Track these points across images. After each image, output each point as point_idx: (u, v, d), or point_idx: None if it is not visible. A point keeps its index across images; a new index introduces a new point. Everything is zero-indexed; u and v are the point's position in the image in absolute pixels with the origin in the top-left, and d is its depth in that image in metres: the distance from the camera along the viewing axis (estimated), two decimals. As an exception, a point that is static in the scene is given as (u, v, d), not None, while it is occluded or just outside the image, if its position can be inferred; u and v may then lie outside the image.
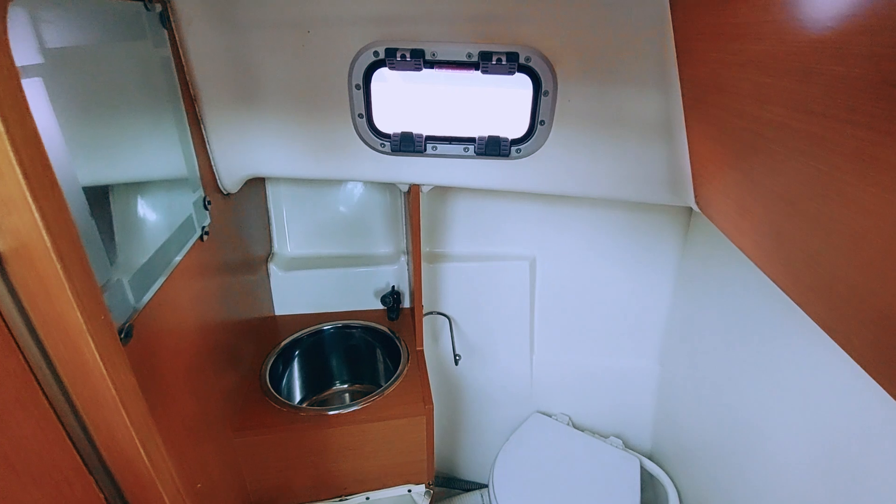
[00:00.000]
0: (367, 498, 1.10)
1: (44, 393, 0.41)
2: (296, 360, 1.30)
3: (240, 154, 0.96)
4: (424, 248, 1.44)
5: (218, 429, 0.90)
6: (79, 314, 0.37)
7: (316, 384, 1.35)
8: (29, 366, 0.40)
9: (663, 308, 1.45)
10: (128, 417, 0.42)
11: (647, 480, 1.60)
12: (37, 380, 0.40)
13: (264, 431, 0.98)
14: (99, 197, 0.59)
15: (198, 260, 0.85)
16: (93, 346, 0.38)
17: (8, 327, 0.38)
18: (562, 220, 1.39)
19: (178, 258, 0.76)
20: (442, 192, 1.36)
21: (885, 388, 0.41)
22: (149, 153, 0.72)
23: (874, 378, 0.44)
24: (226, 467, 0.92)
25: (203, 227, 0.87)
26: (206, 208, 0.89)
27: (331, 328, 1.33)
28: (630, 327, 1.50)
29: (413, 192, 1.06)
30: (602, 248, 1.42)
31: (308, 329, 1.30)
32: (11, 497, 0.38)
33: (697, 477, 1.30)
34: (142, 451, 0.44)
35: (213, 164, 0.95)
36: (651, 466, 1.45)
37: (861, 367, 0.46)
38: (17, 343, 0.39)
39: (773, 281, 0.59)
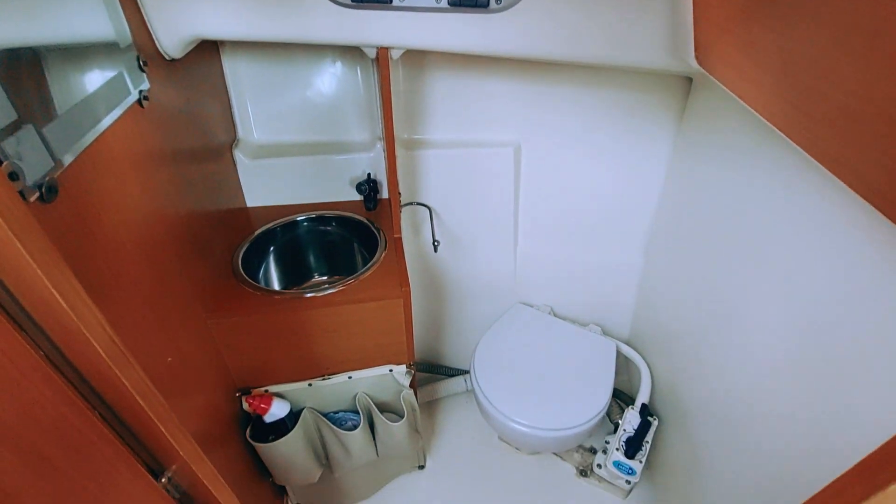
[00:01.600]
0: (350, 377, 1.13)
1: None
2: (272, 253, 1.26)
3: (176, 9, 0.83)
4: (402, 135, 1.34)
5: (187, 309, 0.88)
6: None
7: (293, 277, 1.32)
8: None
9: (652, 199, 1.41)
10: (47, 279, 0.37)
11: (623, 365, 1.67)
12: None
13: (239, 313, 0.97)
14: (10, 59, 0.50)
15: (140, 128, 0.76)
16: None
17: None
18: (549, 101, 1.29)
19: (112, 118, 0.68)
20: (418, 69, 1.23)
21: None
22: (63, 6, 0.61)
23: (884, 210, 0.39)
24: (200, 348, 0.92)
25: (141, 91, 0.78)
26: (141, 70, 0.78)
27: (305, 218, 1.27)
28: (617, 219, 1.47)
29: (381, 57, 0.94)
30: (591, 136, 1.33)
31: (281, 220, 1.25)
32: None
33: (670, 360, 1.35)
34: (65, 306, 0.41)
35: (146, 20, 0.82)
36: (627, 350, 1.50)
37: (870, 202, 0.41)
38: None
39: (777, 127, 0.53)
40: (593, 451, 1.51)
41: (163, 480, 0.65)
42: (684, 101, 1.23)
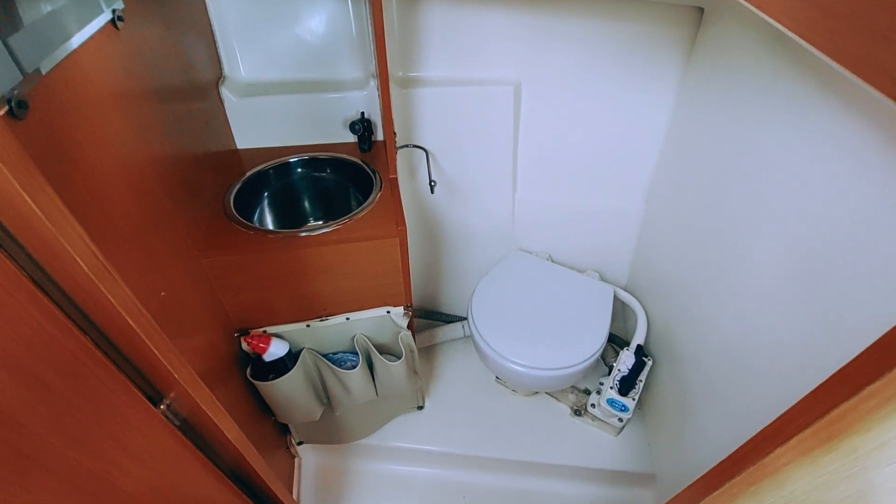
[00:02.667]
0: (348, 318, 1.13)
1: None
2: (266, 197, 1.23)
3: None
4: (397, 72, 1.28)
5: (179, 247, 0.86)
6: None
7: (288, 222, 1.30)
8: None
9: (657, 142, 1.36)
10: (18, 183, 0.35)
11: (620, 311, 1.69)
12: None
13: (233, 252, 0.96)
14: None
15: (116, 52, 0.72)
16: None
17: None
18: (551, 36, 1.22)
19: (83, 36, 0.64)
20: (412, 0, 1.16)
21: None
22: None
23: None
24: (195, 287, 0.91)
25: (114, 11, 0.73)
26: (113, -14, 0.73)
27: (298, 160, 1.24)
28: (620, 164, 1.42)
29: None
30: (595, 74, 1.26)
31: (274, 161, 1.21)
32: None
33: (667, 303, 1.35)
34: (41, 215, 0.39)
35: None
36: (624, 295, 1.51)
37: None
38: None
39: (798, 33, 0.49)
40: (587, 392, 1.55)
41: (161, 407, 0.65)
42: (694, 35, 1.17)
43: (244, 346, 1.07)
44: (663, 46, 1.19)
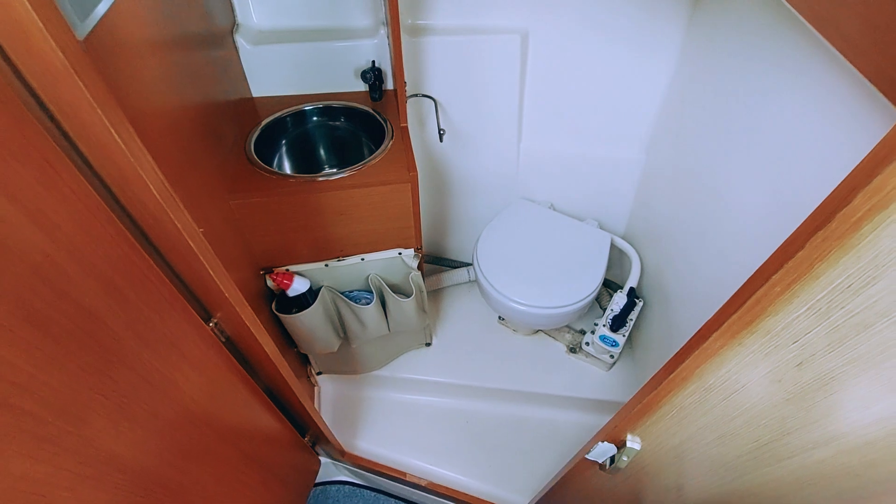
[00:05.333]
0: (363, 259, 1.23)
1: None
2: (283, 144, 1.30)
3: None
4: (406, 20, 1.30)
5: (212, 189, 0.94)
6: (35, 16, 0.34)
7: (304, 167, 1.37)
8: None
9: (659, 94, 1.39)
10: (104, 116, 0.42)
11: (617, 259, 1.78)
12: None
13: (257, 195, 1.04)
14: None
15: (143, 8, 0.77)
16: (55, 47, 0.36)
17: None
18: (560, -18, 1.23)
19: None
20: (423, -59, 1.16)
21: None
22: None
23: (855, 63, 0.43)
24: (227, 225, 1.00)
25: (142, -39, 0.76)
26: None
27: (312, 108, 1.29)
28: (623, 115, 1.46)
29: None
30: (601, 24, 1.28)
31: (289, 109, 1.27)
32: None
33: (661, 250, 1.43)
34: (120, 142, 0.46)
35: None
36: (620, 242, 1.59)
37: (845, 55, 0.45)
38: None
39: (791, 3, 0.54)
40: (583, 332, 1.67)
41: (210, 324, 0.76)
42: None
43: (269, 282, 1.17)
44: (668, 2, 1.20)
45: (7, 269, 0.41)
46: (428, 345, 1.65)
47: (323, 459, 1.51)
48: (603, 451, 0.68)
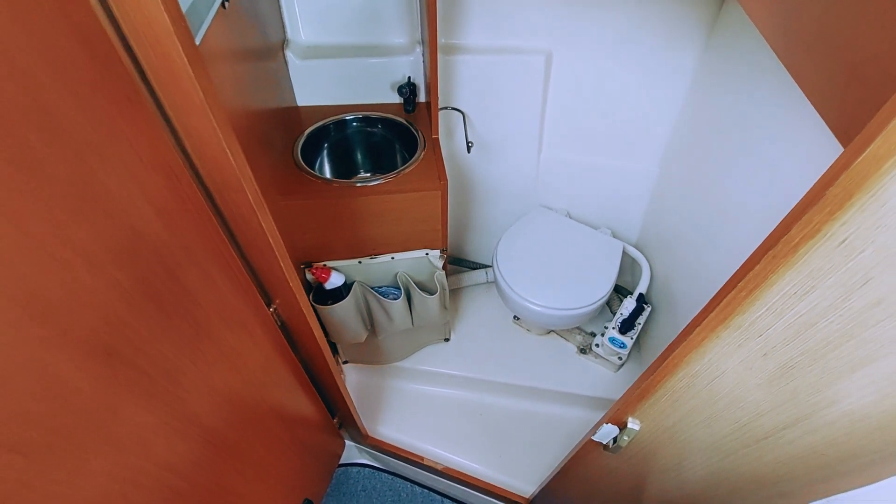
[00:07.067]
0: (392, 258, 1.34)
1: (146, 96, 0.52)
2: (324, 150, 1.42)
3: None
4: (440, 39, 1.41)
5: (267, 189, 1.07)
6: (166, 17, 0.44)
7: (342, 172, 1.49)
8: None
9: (673, 112, 1.48)
10: (215, 121, 0.54)
11: (629, 266, 1.87)
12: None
13: (304, 197, 1.16)
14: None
15: (225, 27, 0.89)
16: (181, 49, 0.47)
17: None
18: (583, 8, 1.33)
19: (209, 18, 0.81)
20: (459, -30, 1.27)
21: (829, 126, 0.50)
22: None
23: (818, 106, 0.53)
24: (279, 224, 1.12)
25: (223, -4, 0.89)
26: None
27: (353, 118, 1.41)
28: (638, 131, 1.56)
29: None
30: (621, 46, 1.38)
31: (332, 118, 1.39)
32: (138, 179, 0.52)
33: (670, 259, 1.52)
34: (228, 153, 0.58)
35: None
36: (632, 250, 1.68)
37: (812, 101, 0.54)
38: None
39: (766, 38, 0.64)
40: (593, 334, 1.76)
41: (271, 309, 0.88)
42: (717, 13, 1.27)
43: (308, 276, 1.30)
44: (687, 22, 1.30)
45: (139, 251, 0.53)
46: (447, 340, 1.76)
47: (346, 443, 1.63)
48: (607, 433, 0.78)
